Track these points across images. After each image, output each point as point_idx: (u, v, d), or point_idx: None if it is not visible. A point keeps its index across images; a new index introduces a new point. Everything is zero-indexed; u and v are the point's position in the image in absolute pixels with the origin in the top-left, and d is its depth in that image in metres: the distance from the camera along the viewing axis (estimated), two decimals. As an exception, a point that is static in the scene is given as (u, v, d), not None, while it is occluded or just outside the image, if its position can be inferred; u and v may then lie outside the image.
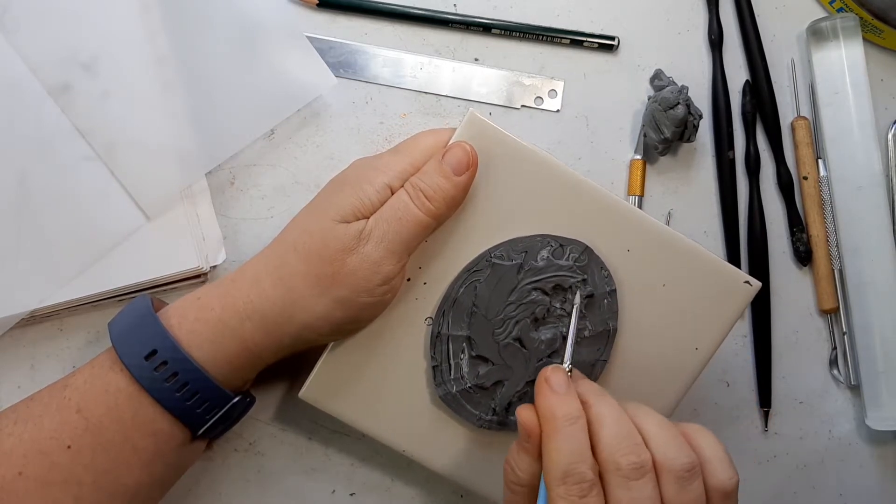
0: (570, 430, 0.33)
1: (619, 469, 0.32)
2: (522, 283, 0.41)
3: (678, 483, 0.32)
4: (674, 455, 0.33)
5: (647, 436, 0.34)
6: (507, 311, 0.41)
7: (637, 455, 0.32)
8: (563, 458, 0.32)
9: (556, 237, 0.42)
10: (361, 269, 0.38)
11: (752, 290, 0.43)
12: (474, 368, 0.42)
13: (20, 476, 0.36)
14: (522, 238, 0.42)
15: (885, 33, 0.53)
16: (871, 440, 0.53)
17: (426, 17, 0.50)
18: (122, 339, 0.38)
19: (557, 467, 0.32)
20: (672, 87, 0.49)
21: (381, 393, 0.42)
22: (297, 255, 0.38)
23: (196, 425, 0.38)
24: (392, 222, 0.38)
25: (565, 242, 0.42)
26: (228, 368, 0.38)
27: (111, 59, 0.45)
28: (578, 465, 0.32)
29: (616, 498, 0.32)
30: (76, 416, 0.37)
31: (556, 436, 0.33)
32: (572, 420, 0.33)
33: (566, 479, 0.32)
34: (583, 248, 0.42)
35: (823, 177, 0.52)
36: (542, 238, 0.42)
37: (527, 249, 0.42)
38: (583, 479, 0.32)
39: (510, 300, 0.41)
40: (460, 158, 0.39)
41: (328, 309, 0.38)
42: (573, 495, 0.32)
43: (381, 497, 0.48)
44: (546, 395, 0.34)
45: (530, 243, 0.42)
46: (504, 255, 0.41)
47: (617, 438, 0.33)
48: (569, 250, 0.42)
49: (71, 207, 0.44)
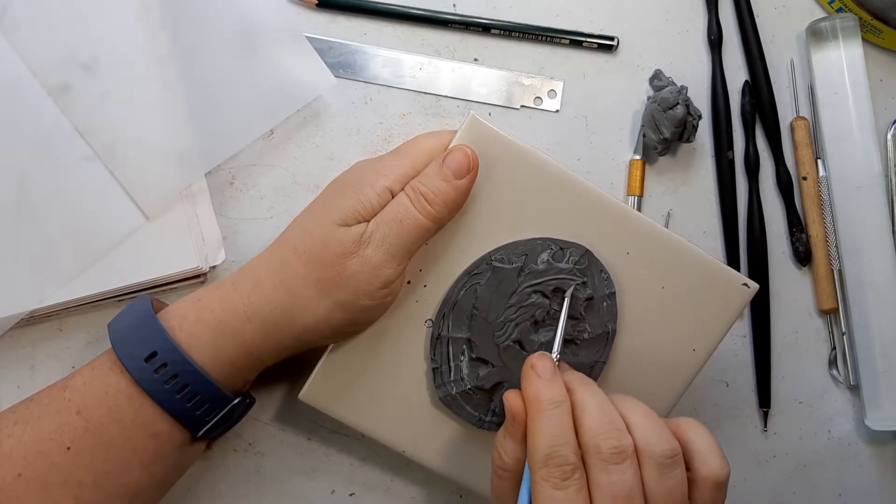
0: (553, 413, 0.34)
1: (599, 453, 0.32)
2: (523, 286, 0.41)
3: (659, 469, 0.33)
4: (655, 441, 0.33)
5: (631, 423, 0.34)
6: (508, 314, 0.41)
7: (618, 440, 0.33)
8: (545, 441, 0.33)
9: (557, 240, 0.42)
10: (362, 273, 0.38)
11: (750, 292, 0.43)
12: (474, 370, 0.42)
13: (20, 477, 0.36)
14: (523, 241, 0.42)
15: (884, 34, 0.53)
16: (871, 440, 0.53)
17: (426, 18, 0.50)
18: (122, 340, 0.38)
19: (540, 449, 0.33)
20: (671, 88, 0.49)
21: (381, 394, 0.42)
22: (298, 258, 0.38)
23: (196, 426, 0.38)
24: (393, 225, 0.38)
25: (565, 245, 0.42)
26: (229, 370, 0.38)
27: (111, 59, 0.45)
28: (561, 448, 0.32)
29: (597, 482, 0.32)
30: (76, 417, 0.37)
31: (539, 418, 0.34)
32: (556, 404, 0.34)
33: (548, 462, 0.32)
34: (583, 252, 0.42)
35: (823, 177, 0.52)
36: (543, 241, 0.42)
37: (527, 252, 0.42)
38: (565, 461, 0.32)
39: (510, 303, 0.41)
40: (461, 162, 0.39)
41: (329, 312, 0.38)
42: (555, 478, 0.32)
43: (380, 497, 0.48)
44: (532, 380, 0.35)
45: (530, 246, 0.42)
46: (504, 258, 0.42)
47: (599, 423, 0.33)
48: (569, 253, 0.42)
49: (71, 207, 0.44)
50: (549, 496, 0.32)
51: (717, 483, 0.34)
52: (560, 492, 0.32)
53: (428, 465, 0.43)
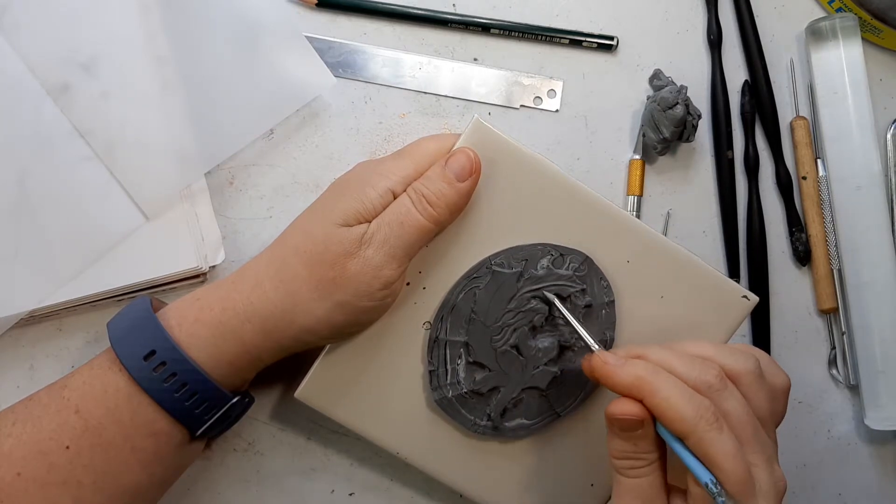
0: (663, 378, 0.34)
1: (711, 386, 0.34)
2: (522, 290, 0.41)
3: (758, 383, 0.36)
4: (736, 362, 0.36)
5: (708, 356, 0.36)
6: (506, 319, 0.41)
7: (712, 368, 0.35)
8: (681, 401, 0.33)
9: (557, 246, 0.42)
10: (363, 274, 0.38)
11: (750, 305, 0.43)
12: (471, 374, 0.42)
13: (19, 477, 0.36)
14: (523, 246, 0.42)
15: (884, 33, 0.53)
16: (871, 440, 0.53)
17: (425, 17, 0.50)
18: (120, 339, 0.38)
19: (684, 410, 0.33)
20: (671, 87, 0.49)
21: (377, 395, 0.42)
22: (299, 258, 0.38)
23: (195, 425, 0.38)
24: (394, 226, 0.38)
25: (565, 252, 0.42)
26: (228, 369, 0.38)
27: (111, 60, 0.45)
28: (694, 398, 0.34)
29: (724, 410, 0.34)
30: (75, 416, 0.37)
31: (658, 389, 0.34)
32: (656, 371, 0.35)
33: (698, 416, 0.33)
34: (583, 258, 0.42)
35: (822, 177, 0.52)
36: (543, 247, 0.42)
37: (527, 258, 0.42)
38: (707, 407, 0.33)
39: (509, 308, 0.41)
40: (463, 164, 0.39)
41: (329, 312, 0.38)
42: (710, 424, 0.33)
43: (380, 497, 0.48)
44: (618, 371, 0.35)
45: (531, 252, 0.42)
46: (504, 262, 0.41)
47: (690, 364, 0.35)
48: (569, 260, 0.42)
49: (70, 207, 0.44)
50: (719, 440, 0.33)
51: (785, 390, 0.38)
52: (721, 433, 0.33)
53: (422, 467, 0.43)
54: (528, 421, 0.42)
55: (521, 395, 0.42)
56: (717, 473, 0.33)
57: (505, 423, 0.42)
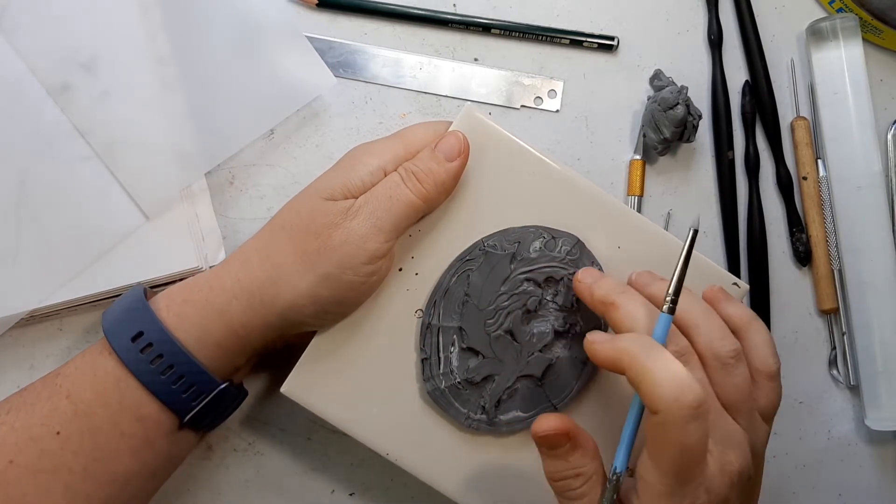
0: (665, 355, 0.33)
1: (719, 357, 0.37)
2: (515, 273, 0.41)
3: (724, 369, 0.37)
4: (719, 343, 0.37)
5: (692, 328, 0.38)
6: (500, 302, 0.41)
7: (677, 344, 0.36)
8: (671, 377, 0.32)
9: (549, 228, 0.42)
10: (347, 244, 0.38)
11: (740, 293, 0.43)
12: (464, 362, 0.41)
13: (11, 464, 0.36)
14: (515, 228, 0.42)
15: (884, 33, 0.53)
16: (871, 440, 0.53)
17: (426, 17, 0.50)
18: (111, 323, 0.38)
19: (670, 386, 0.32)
20: (671, 88, 0.49)
21: (367, 390, 0.41)
22: (285, 233, 0.39)
23: (182, 411, 0.38)
24: (382, 200, 0.39)
25: (557, 234, 0.42)
26: (216, 351, 0.39)
27: (111, 59, 0.45)
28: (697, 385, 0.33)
29: (717, 382, 0.36)
30: (66, 401, 0.37)
31: (652, 365, 0.33)
32: (657, 347, 0.34)
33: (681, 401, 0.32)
34: (574, 241, 0.42)
35: (823, 177, 0.52)
36: (535, 229, 0.42)
37: (519, 240, 0.42)
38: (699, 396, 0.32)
39: (502, 290, 0.41)
40: (453, 145, 0.40)
41: (312, 286, 0.38)
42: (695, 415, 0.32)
43: (380, 497, 0.48)
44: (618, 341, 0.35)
45: (523, 234, 0.42)
46: (497, 244, 0.42)
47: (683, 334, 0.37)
48: (561, 242, 0.42)
49: (70, 207, 0.44)
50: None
51: (771, 374, 0.39)
52: None
53: (412, 470, 0.42)
54: (524, 413, 0.42)
55: (516, 385, 0.41)
56: None
57: (500, 416, 0.41)
